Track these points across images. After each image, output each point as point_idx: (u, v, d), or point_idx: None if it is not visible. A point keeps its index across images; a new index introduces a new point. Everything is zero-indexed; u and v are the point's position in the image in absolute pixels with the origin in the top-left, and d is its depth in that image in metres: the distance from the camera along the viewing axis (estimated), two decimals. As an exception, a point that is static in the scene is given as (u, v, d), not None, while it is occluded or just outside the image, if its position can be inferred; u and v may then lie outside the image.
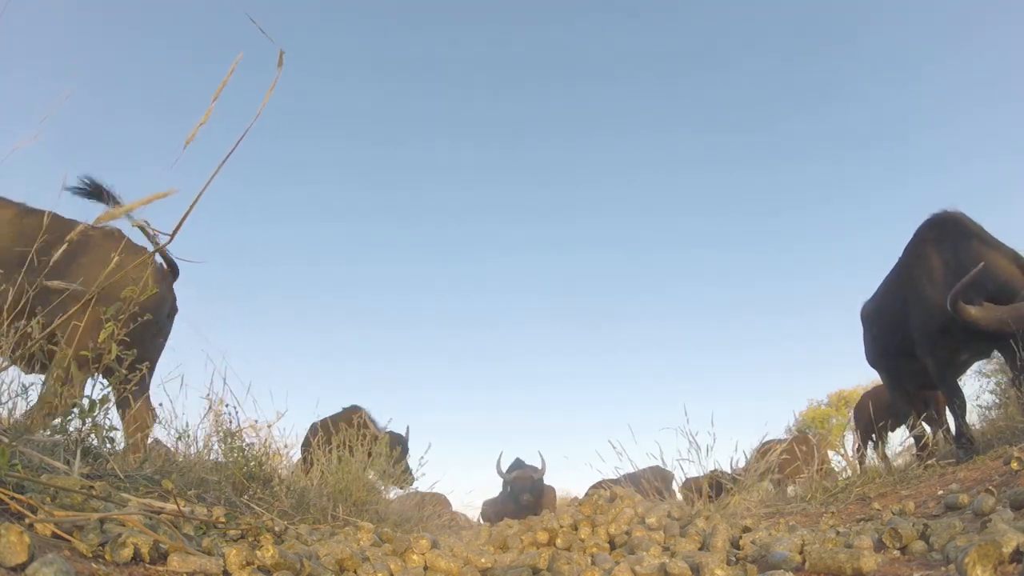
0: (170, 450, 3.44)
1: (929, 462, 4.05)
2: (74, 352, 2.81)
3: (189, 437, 3.39)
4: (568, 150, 28.37)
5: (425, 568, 1.99)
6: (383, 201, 27.35)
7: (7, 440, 1.90)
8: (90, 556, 1.39)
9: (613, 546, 2.59)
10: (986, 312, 3.82)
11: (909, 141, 25.42)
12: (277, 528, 2.26)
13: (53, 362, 2.91)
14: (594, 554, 2.33)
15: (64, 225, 3.36)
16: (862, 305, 5.69)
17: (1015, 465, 2.85)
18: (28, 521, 1.42)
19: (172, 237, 1.82)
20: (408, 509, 5.13)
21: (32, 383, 2.71)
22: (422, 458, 5.83)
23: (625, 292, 25.88)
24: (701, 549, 2.29)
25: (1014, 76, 22.36)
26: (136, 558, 1.43)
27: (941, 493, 3.06)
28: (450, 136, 28.46)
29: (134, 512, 1.63)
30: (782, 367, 20.97)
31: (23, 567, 1.12)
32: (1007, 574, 1.43)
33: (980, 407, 5.48)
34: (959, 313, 3.85)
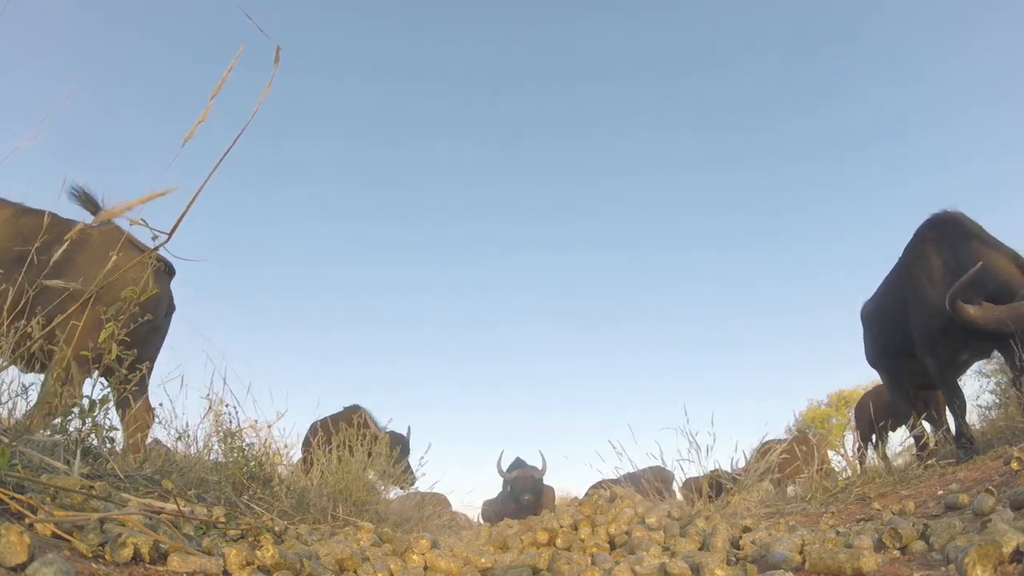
0: (170, 450, 3.45)
1: (929, 462, 4.06)
2: (73, 352, 2.81)
3: (189, 437, 3.39)
4: (568, 150, 28.41)
5: (425, 568, 1.99)
6: (383, 201, 27.39)
7: (7, 440, 1.90)
8: (90, 556, 1.39)
9: (613, 546, 2.59)
10: (985, 312, 3.82)
11: (909, 141, 25.47)
12: (277, 528, 2.26)
13: (53, 362, 2.91)
14: (594, 554, 2.33)
15: (62, 225, 3.36)
16: (862, 305, 5.69)
17: (1015, 465, 2.85)
18: (28, 521, 1.42)
19: (170, 236, 1.82)
20: (408, 509, 5.13)
21: (32, 383, 2.71)
22: (422, 458, 5.86)
23: (625, 292, 25.91)
24: (701, 549, 2.29)
25: (1014, 76, 22.38)
26: (136, 558, 1.43)
27: (941, 493, 3.06)
28: (450, 136, 28.51)
29: (134, 512, 1.63)
30: (782, 367, 20.99)
31: (23, 567, 1.12)
32: (1007, 574, 1.43)
33: (980, 407, 5.50)
34: (957, 312, 3.85)
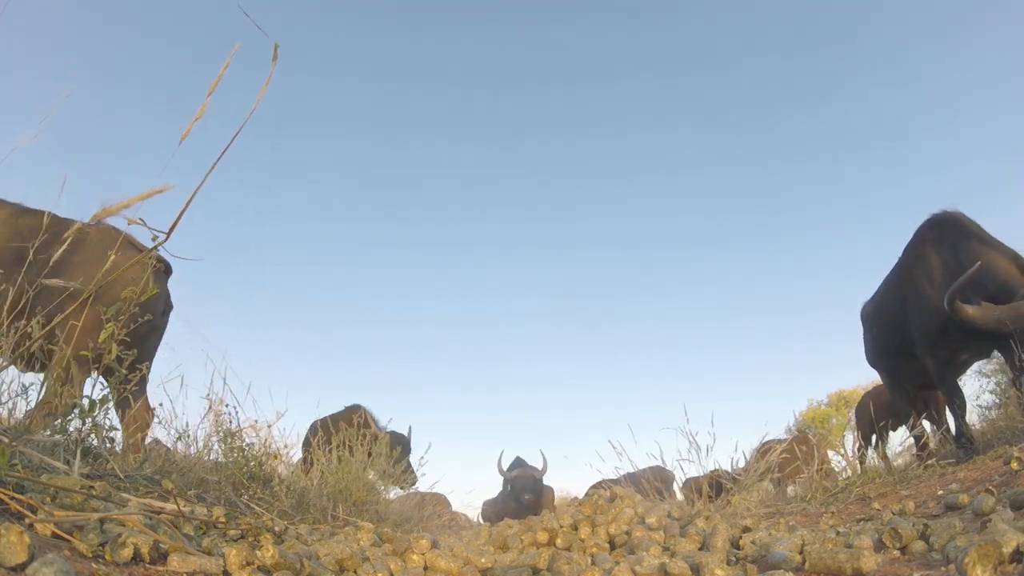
0: (170, 450, 3.45)
1: (929, 462, 4.05)
2: (72, 351, 2.81)
3: (189, 437, 3.39)
4: (568, 150, 28.40)
5: (425, 568, 1.99)
6: (383, 201, 27.39)
7: (7, 440, 1.90)
8: (90, 556, 1.39)
9: (613, 546, 2.59)
10: (983, 311, 3.82)
11: (909, 141, 25.46)
12: (277, 528, 2.26)
13: (52, 362, 2.91)
14: (594, 554, 2.33)
15: (60, 224, 3.36)
16: (862, 305, 5.69)
17: (1015, 465, 2.85)
18: (28, 521, 1.42)
19: (168, 235, 1.82)
20: (408, 509, 5.13)
21: (32, 383, 2.71)
22: (422, 458, 5.87)
23: (625, 292, 25.90)
24: (701, 549, 2.29)
25: (1014, 76, 22.39)
26: (136, 558, 1.43)
27: (941, 493, 3.06)
28: (450, 136, 28.50)
29: (134, 512, 1.63)
30: (782, 367, 20.99)
31: (23, 567, 1.12)
32: (1007, 574, 1.43)
33: (980, 407, 5.49)
34: (956, 312, 3.85)
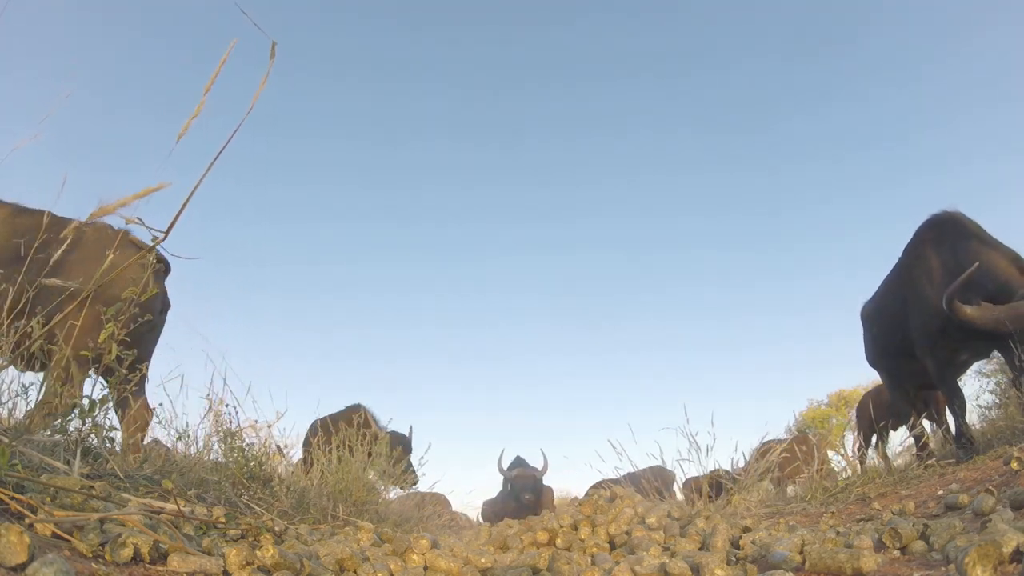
0: (170, 450, 3.45)
1: (929, 462, 4.06)
2: (71, 350, 2.80)
3: (189, 437, 3.39)
4: (568, 150, 28.40)
5: (425, 568, 1.99)
6: (383, 201, 27.39)
7: (7, 440, 1.90)
8: (90, 556, 1.39)
9: (613, 546, 2.59)
10: (982, 312, 3.82)
11: (909, 141, 25.46)
12: (277, 528, 2.26)
13: (52, 362, 2.91)
14: (594, 554, 2.33)
15: (58, 223, 3.35)
16: (862, 305, 5.69)
17: (1015, 465, 2.85)
18: (28, 521, 1.42)
19: (167, 234, 1.82)
20: (408, 509, 5.13)
21: (32, 383, 2.71)
22: (422, 458, 5.88)
23: (625, 292, 25.91)
24: (701, 549, 2.29)
25: (1014, 76, 22.39)
26: (136, 558, 1.43)
27: (941, 493, 3.06)
28: (450, 136, 28.51)
29: (134, 512, 1.63)
30: (782, 367, 20.99)
31: (23, 567, 1.12)
32: (1007, 574, 1.43)
33: (980, 407, 5.49)
34: (954, 312, 3.85)
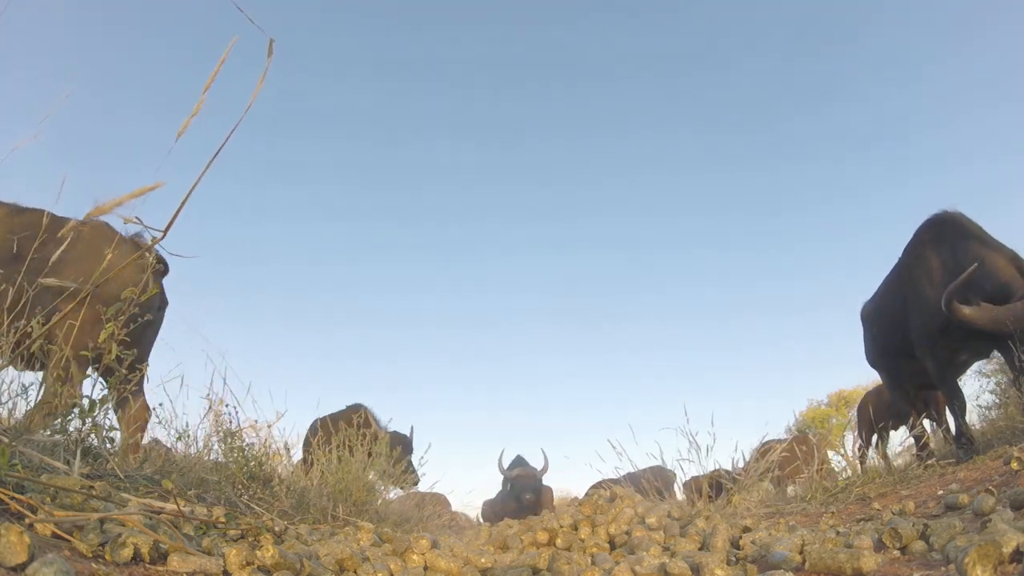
0: (170, 450, 3.45)
1: (929, 462, 4.05)
2: (70, 349, 2.80)
3: (189, 437, 3.39)
4: (569, 150, 28.42)
5: (425, 568, 1.99)
6: (384, 201, 27.41)
7: (7, 440, 1.90)
8: (90, 556, 1.39)
9: (613, 546, 2.59)
10: (981, 312, 3.81)
11: (910, 141, 25.48)
12: (277, 528, 2.26)
13: (51, 361, 2.91)
14: (594, 554, 2.33)
15: (56, 222, 3.34)
16: (862, 305, 5.69)
17: (1015, 465, 2.85)
18: (28, 521, 1.42)
19: (165, 233, 1.81)
20: (408, 509, 5.13)
21: (32, 383, 2.71)
22: (422, 458, 5.89)
23: (626, 292, 25.93)
24: (701, 549, 2.29)
25: (1014, 76, 22.39)
26: (136, 558, 1.43)
27: (941, 493, 3.06)
28: (451, 136, 28.52)
29: (134, 512, 1.63)
30: (782, 367, 21.01)
31: (23, 567, 1.12)
32: (1007, 574, 1.43)
33: (980, 407, 5.49)
34: (953, 313, 3.85)
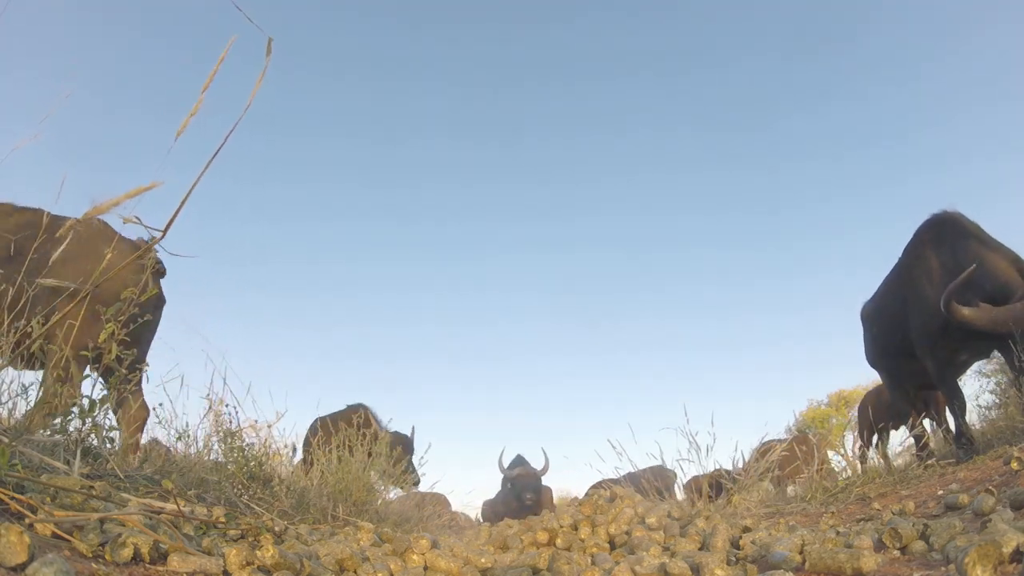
0: (170, 450, 3.44)
1: (929, 462, 4.06)
2: (66, 347, 2.79)
3: (189, 437, 3.39)
4: (568, 148, 28.43)
5: (425, 568, 1.99)
6: (383, 199, 27.42)
7: (7, 440, 1.90)
8: (90, 556, 1.39)
9: (613, 546, 2.59)
10: (980, 313, 3.81)
11: (908, 140, 25.50)
12: (277, 528, 2.26)
13: (49, 361, 2.90)
14: (594, 554, 2.33)
15: (53, 221, 3.33)
16: (862, 305, 5.69)
17: (1015, 465, 2.85)
18: (28, 521, 1.42)
19: (164, 233, 1.81)
20: (408, 509, 5.13)
21: (32, 383, 2.70)
22: (422, 458, 5.90)
23: (625, 291, 25.93)
24: (701, 549, 2.29)
25: (1013, 75, 22.41)
26: (136, 558, 1.43)
27: (941, 493, 3.06)
28: (450, 134, 28.53)
29: (134, 512, 1.63)
30: (782, 367, 21.02)
31: (23, 567, 1.12)
32: (1007, 574, 1.43)
33: (980, 407, 5.49)
34: (952, 314, 3.85)
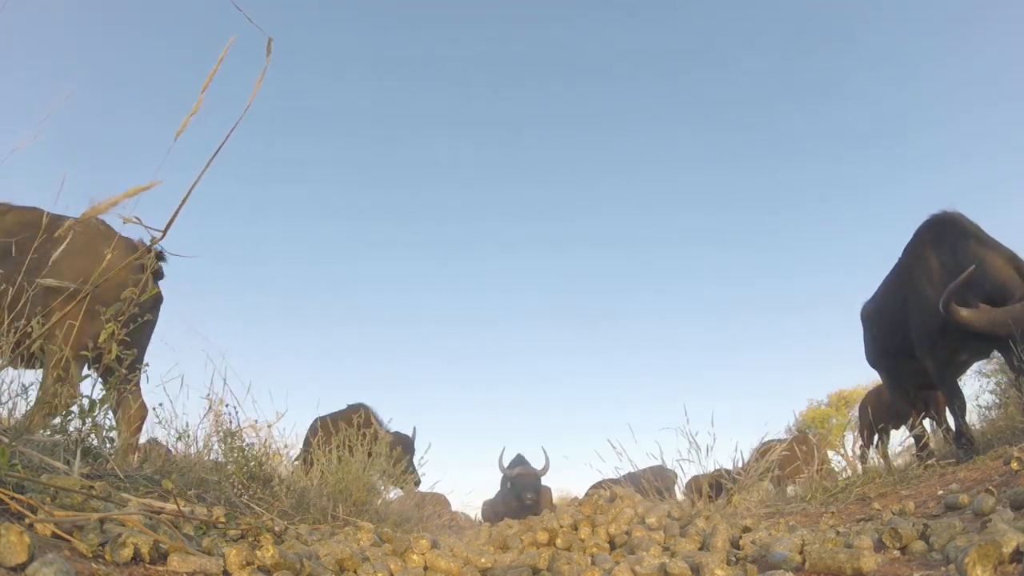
0: (169, 450, 3.44)
1: (929, 462, 4.06)
2: (66, 348, 2.79)
3: (189, 437, 3.39)
4: (567, 148, 28.44)
5: (425, 568, 1.99)
6: (382, 199, 27.43)
7: (7, 440, 1.90)
8: (90, 556, 1.39)
9: (613, 546, 2.59)
10: (979, 314, 3.81)
11: (908, 140, 25.51)
12: (277, 528, 2.26)
13: (47, 360, 2.90)
14: (594, 554, 2.33)
15: (51, 221, 3.32)
16: (862, 305, 5.69)
17: (1015, 465, 2.85)
18: (28, 521, 1.42)
19: (164, 232, 1.82)
20: (408, 509, 5.12)
21: (32, 383, 2.70)
22: (422, 458, 5.90)
23: (624, 291, 25.94)
24: (701, 549, 2.29)
25: (1013, 75, 22.42)
26: (136, 558, 1.43)
27: (941, 493, 3.06)
28: (449, 134, 28.53)
29: (134, 512, 1.63)
30: (782, 367, 21.02)
31: (23, 567, 1.12)
32: (1007, 574, 1.43)
33: (980, 407, 5.48)
34: (951, 315, 3.85)
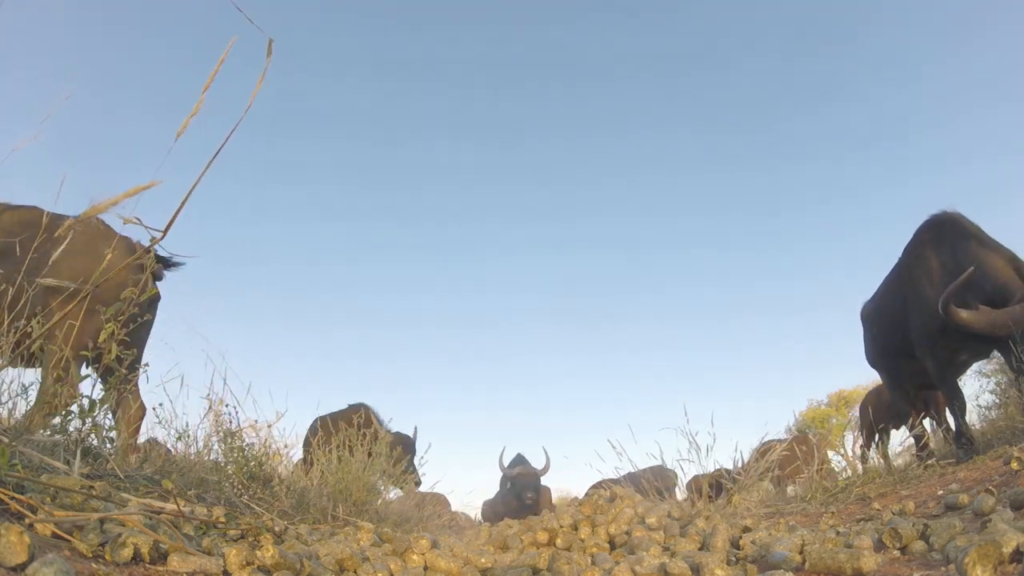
0: (169, 450, 3.44)
1: (929, 462, 4.06)
2: (66, 348, 2.79)
3: (189, 437, 3.39)
4: (568, 150, 28.45)
5: (425, 568, 1.99)
6: (383, 201, 27.45)
7: (7, 440, 1.90)
8: (90, 556, 1.39)
9: (613, 546, 2.59)
10: (978, 316, 3.81)
11: (909, 141, 25.52)
12: (277, 528, 2.26)
13: (46, 360, 2.90)
14: (594, 554, 2.33)
15: (51, 220, 3.31)
16: (862, 305, 5.70)
17: (1015, 465, 2.85)
18: (28, 521, 1.42)
19: (165, 233, 1.81)
20: (408, 509, 5.12)
21: (32, 383, 2.70)
22: (422, 458, 5.91)
23: (625, 292, 25.96)
24: (701, 549, 2.29)
25: (1014, 76, 22.43)
26: (136, 558, 1.43)
27: (941, 493, 3.06)
28: (450, 136, 28.55)
29: (134, 512, 1.63)
30: (782, 367, 21.04)
31: (23, 567, 1.12)
32: (1007, 574, 1.43)
33: (980, 407, 5.48)
34: (950, 316, 3.85)
